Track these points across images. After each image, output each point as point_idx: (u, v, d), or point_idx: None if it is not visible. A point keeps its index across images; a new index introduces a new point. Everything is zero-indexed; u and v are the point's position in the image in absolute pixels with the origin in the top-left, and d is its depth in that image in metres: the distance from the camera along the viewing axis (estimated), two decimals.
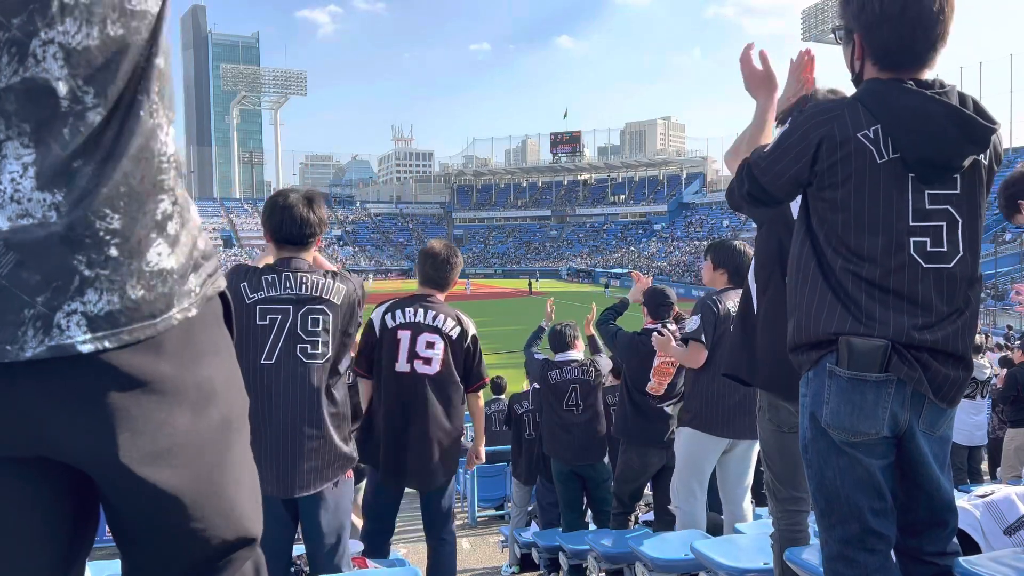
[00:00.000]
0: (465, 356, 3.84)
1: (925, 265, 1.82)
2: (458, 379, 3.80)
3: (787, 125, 2.00)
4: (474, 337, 3.89)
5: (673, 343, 4.26)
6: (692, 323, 4.14)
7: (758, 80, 2.32)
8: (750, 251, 4.29)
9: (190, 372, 1.09)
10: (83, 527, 1.16)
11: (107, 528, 1.20)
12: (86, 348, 0.98)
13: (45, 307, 0.96)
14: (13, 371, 0.96)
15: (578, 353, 5.74)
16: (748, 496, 4.20)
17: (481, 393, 4.02)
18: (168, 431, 1.06)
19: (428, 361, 3.70)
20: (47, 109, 0.95)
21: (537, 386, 6.22)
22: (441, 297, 3.88)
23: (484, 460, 4.42)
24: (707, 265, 4.39)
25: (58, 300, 0.96)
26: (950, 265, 1.84)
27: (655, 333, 4.47)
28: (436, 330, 3.74)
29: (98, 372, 1.00)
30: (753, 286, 2.88)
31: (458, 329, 3.80)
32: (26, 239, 0.94)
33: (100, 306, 0.98)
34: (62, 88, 0.96)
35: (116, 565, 2.77)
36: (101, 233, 0.98)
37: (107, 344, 0.99)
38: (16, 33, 0.92)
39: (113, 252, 0.99)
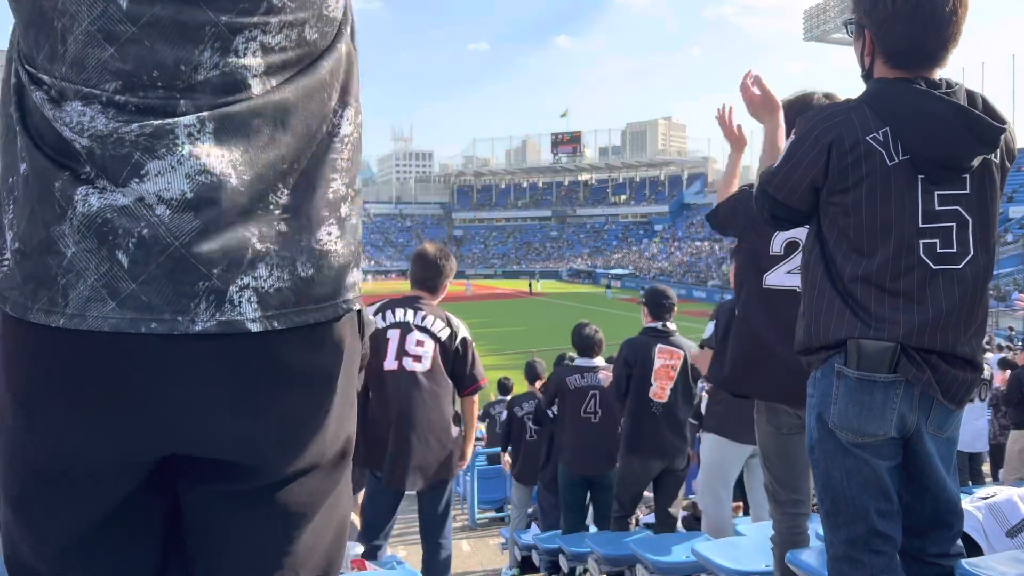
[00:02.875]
0: (455, 359, 3.78)
1: (934, 267, 1.82)
2: (448, 379, 3.76)
3: (792, 136, 1.98)
4: (464, 339, 3.83)
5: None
6: (707, 329, 4.09)
7: (759, 105, 2.45)
8: None
9: (345, 376, 1.06)
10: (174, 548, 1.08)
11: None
12: (255, 327, 0.95)
13: (220, 280, 0.93)
14: (176, 357, 0.93)
15: (600, 360, 5.67)
16: None
17: (476, 397, 3.97)
18: (319, 440, 1.02)
19: (418, 359, 3.67)
20: (237, 99, 0.95)
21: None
22: (433, 302, 3.85)
23: (466, 463, 4.32)
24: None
25: (232, 273, 0.94)
26: (959, 266, 1.83)
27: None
28: (425, 330, 3.72)
29: (262, 361, 0.97)
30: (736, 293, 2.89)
31: (447, 331, 3.76)
32: (209, 209, 0.93)
33: (271, 282, 0.96)
34: (256, 86, 0.96)
35: None
36: (272, 207, 0.97)
37: (276, 324, 0.96)
38: (223, 29, 0.93)
39: (283, 227, 0.97)
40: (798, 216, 2.01)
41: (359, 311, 1.11)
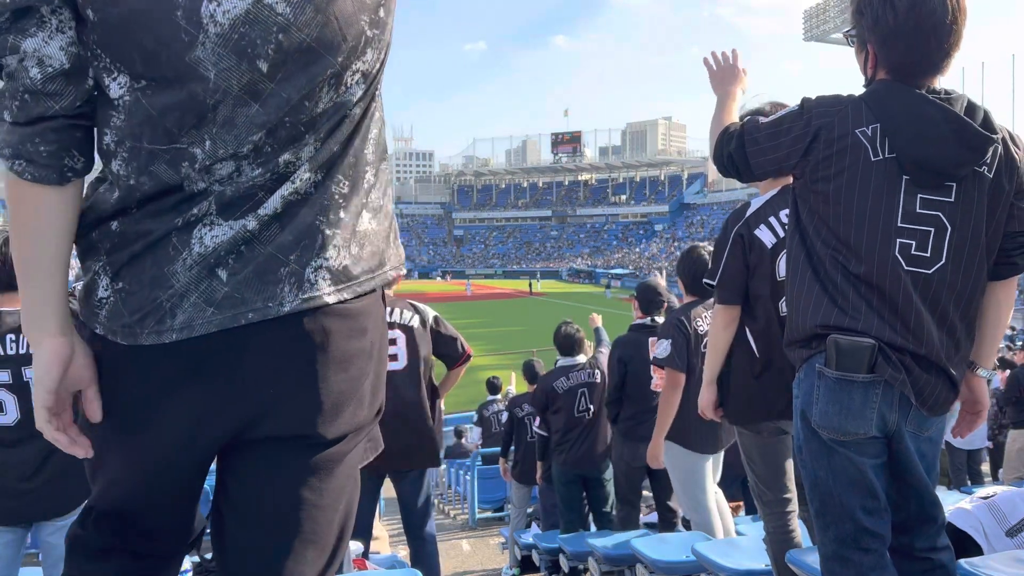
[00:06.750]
0: (436, 339, 3.83)
1: (906, 267, 1.84)
2: (422, 371, 3.76)
3: (793, 106, 1.98)
4: (436, 318, 3.88)
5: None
6: (663, 348, 3.99)
7: (725, 72, 2.40)
8: (706, 256, 4.10)
9: (381, 345, 1.22)
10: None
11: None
12: (331, 299, 1.10)
13: (297, 264, 1.08)
14: (248, 343, 1.07)
15: (583, 356, 5.71)
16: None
17: (465, 367, 4.02)
18: (359, 406, 1.18)
19: (394, 357, 3.66)
20: (342, 120, 1.13)
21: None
22: (390, 292, 3.88)
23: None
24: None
25: (306, 257, 1.09)
26: (929, 271, 1.84)
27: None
28: (392, 325, 3.71)
29: (324, 337, 1.10)
30: None
31: (416, 317, 3.78)
32: (285, 207, 1.08)
33: (338, 261, 1.11)
34: (357, 111, 1.14)
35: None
36: (336, 197, 1.12)
37: (345, 296, 1.12)
38: (338, 68, 1.08)
39: (342, 215, 1.12)
40: (747, 176, 2.04)
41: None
